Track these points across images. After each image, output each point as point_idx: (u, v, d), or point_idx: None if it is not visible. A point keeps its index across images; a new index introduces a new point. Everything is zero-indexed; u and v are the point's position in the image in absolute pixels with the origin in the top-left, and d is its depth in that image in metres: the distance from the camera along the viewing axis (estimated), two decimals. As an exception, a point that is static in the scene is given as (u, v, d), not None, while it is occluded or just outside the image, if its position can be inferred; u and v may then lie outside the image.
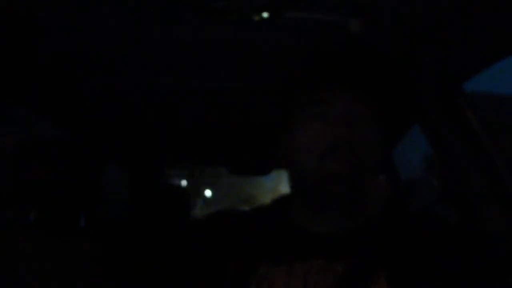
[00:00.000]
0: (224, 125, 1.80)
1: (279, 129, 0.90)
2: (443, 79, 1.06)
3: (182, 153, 2.42)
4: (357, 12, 0.88)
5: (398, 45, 1.02)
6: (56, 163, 1.19)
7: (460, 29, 0.91)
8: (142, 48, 1.09)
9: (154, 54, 1.13)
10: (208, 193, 18.63)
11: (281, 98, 0.91)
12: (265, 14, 0.89)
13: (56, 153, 1.21)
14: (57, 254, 1.16)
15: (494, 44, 0.90)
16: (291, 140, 0.85)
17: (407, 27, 0.93)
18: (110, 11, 0.92)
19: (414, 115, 1.24)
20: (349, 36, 0.94)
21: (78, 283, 1.16)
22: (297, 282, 0.75)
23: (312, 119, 0.81)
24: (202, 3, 0.87)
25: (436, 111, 1.10)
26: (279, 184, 13.67)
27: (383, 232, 0.80)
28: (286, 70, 0.99)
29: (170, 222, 2.04)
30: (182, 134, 1.96)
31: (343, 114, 0.79)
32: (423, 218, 0.85)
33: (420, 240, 0.79)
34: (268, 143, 0.83)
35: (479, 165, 1.02)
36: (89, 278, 1.18)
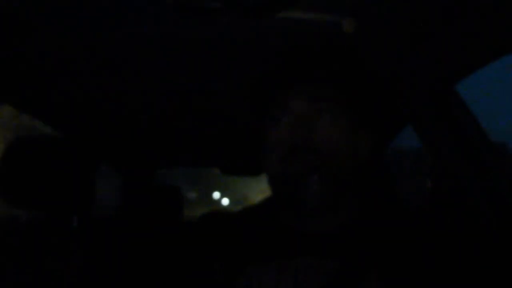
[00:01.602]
0: (217, 126, 1.80)
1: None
2: (436, 79, 1.07)
3: (175, 154, 2.41)
4: (350, 13, 0.89)
5: (391, 46, 1.02)
6: (49, 162, 1.19)
7: (453, 29, 0.92)
8: (136, 49, 1.09)
9: (147, 55, 1.13)
10: (225, 201, 20.05)
11: (254, 103, 0.91)
12: (258, 15, 0.89)
13: (48, 153, 1.20)
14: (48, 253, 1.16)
15: (487, 45, 0.91)
16: (262, 145, 0.86)
17: (400, 28, 0.94)
18: (102, 10, 0.92)
19: (407, 115, 1.25)
20: (341, 37, 0.94)
21: (70, 283, 1.15)
22: (288, 280, 0.75)
23: (272, 123, 0.82)
24: (195, 4, 0.87)
25: (429, 111, 1.10)
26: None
27: (374, 230, 0.81)
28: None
29: (162, 222, 2.03)
30: (175, 135, 1.96)
31: (300, 114, 0.79)
32: (416, 217, 0.85)
33: (412, 239, 0.79)
34: (259, 145, 0.84)
35: (472, 165, 1.03)
36: (81, 277, 1.18)
